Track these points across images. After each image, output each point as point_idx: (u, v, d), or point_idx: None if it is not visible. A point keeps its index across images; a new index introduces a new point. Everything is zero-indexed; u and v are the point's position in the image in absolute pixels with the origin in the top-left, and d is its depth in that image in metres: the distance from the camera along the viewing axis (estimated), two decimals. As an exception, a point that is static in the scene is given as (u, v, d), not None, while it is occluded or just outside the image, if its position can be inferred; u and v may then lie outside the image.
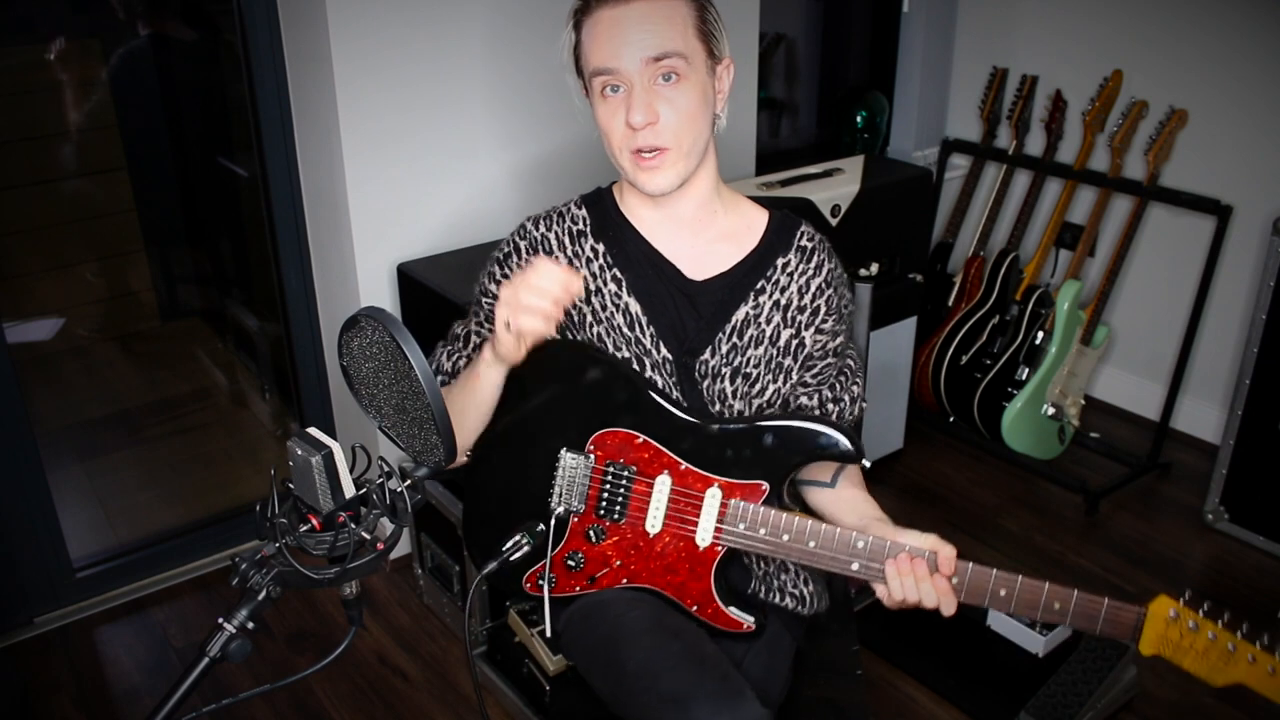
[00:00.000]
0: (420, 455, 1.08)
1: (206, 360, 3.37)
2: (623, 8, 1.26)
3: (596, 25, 1.28)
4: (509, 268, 1.43)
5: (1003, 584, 1.25)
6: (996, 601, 1.25)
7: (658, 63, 1.26)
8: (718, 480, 1.31)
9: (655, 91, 1.27)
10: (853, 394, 1.47)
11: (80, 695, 2.23)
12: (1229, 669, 1.21)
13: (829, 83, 3.60)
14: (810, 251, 1.44)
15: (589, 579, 1.39)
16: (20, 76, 2.92)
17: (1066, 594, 1.23)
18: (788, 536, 1.29)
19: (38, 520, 2.38)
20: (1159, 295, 3.17)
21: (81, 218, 3.18)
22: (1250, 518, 2.71)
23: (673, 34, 1.26)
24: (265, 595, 1.00)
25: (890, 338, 2.82)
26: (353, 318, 1.06)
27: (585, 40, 1.30)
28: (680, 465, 1.32)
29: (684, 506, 1.33)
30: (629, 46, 1.25)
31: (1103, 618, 1.23)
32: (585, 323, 1.40)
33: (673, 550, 1.34)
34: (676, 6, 1.28)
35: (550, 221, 1.44)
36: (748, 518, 1.30)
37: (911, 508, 2.88)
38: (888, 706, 2.21)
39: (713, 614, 1.35)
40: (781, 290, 1.41)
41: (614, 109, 1.29)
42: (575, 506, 1.36)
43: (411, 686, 2.26)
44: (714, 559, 1.33)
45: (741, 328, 1.39)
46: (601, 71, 1.28)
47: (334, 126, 2.22)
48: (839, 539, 1.27)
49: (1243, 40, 2.83)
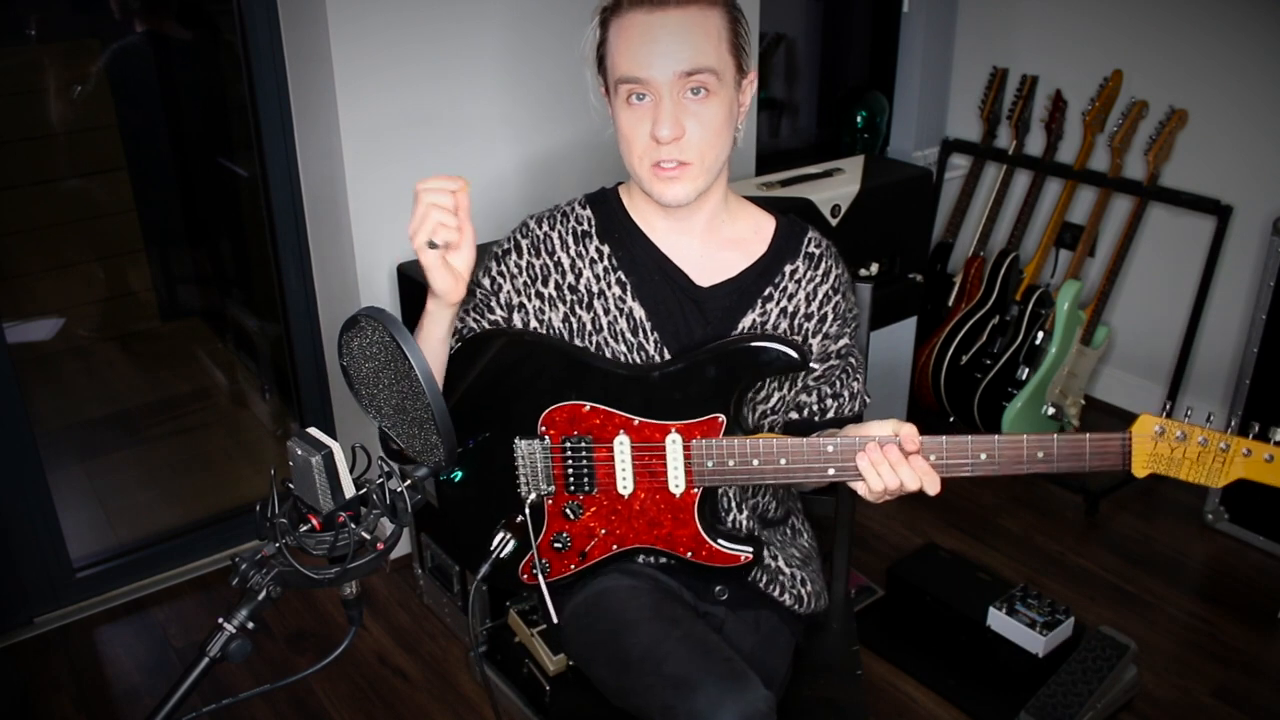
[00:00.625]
0: (420, 455, 1.08)
1: (206, 360, 3.37)
2: (659, 14, 1.22)
3: (628, 29, 1.24)
4: (506, 264, 1.41)
5: (982, 447, 1.23)
6: (980, 466, 1.24)
7: (690, 77, 1.22)
8: (674, 425, 1.31)
9: (684, 105, 1.24)
10: (853, 390, 1.46)
11: (80, 695, 2.23)
12: (1227, 468, 1.22)
13: (829, 83, 3.60)
14: (818, 258, 1.42)
15: (580, 555, 1.40)
16: (20, 76, 2.92)
17: (1048, 440, 1.22)
18: (757, 461, 1.28)
19: (38, 520, 2.38)
20: (1159, 295, 3.17)
21: (81, 218, 3.18)
22: (1250, 518, 2.71)
23: (707, 48, 1.23)
24: (265, 595, 1.00)
25: (890, 338, 2.82)
26: (353, 318, 1.06)
27: (613, 40, 1.26)
28: (634, 421, 1.32)
29: (649, 460, 1.33)
30: (662, 57, 1.22)
31: (1089, 452, 1.22)
32: (585, 331, 1.38)
33: (651, 505, 1.35)
34: (711, 17, 1.24)
35: (554, 220, 1.41)
36: (713, 454, 1.30)
37: (911, 508, 2.88)
38: (888, 706, 2.21)
39: (708, 554, 1.37)
40: (789, 297, 1.40)
41: (639, 117, 1.26)
42: (545, 489, 1.36)
43: (411, 686, 2.26)
44: (693, 502, 1.34)
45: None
46: (630, 79, 1.24)
47: (334, 126, 2.22)
48: (808, 448, 1.26)
49: (1243, 40, 2.83)
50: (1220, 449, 1.21)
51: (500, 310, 1.41)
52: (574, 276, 1.39)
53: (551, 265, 1.39)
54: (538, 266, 1.39)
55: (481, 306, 1.42)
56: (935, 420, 3.19)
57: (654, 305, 1.37)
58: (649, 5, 1.22)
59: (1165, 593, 2.54)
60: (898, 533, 2.77)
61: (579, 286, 1.38)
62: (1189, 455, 1.21)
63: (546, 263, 1.39)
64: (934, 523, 2.81)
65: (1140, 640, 2.27)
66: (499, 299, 1.41)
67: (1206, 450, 1.21)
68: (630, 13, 1.23)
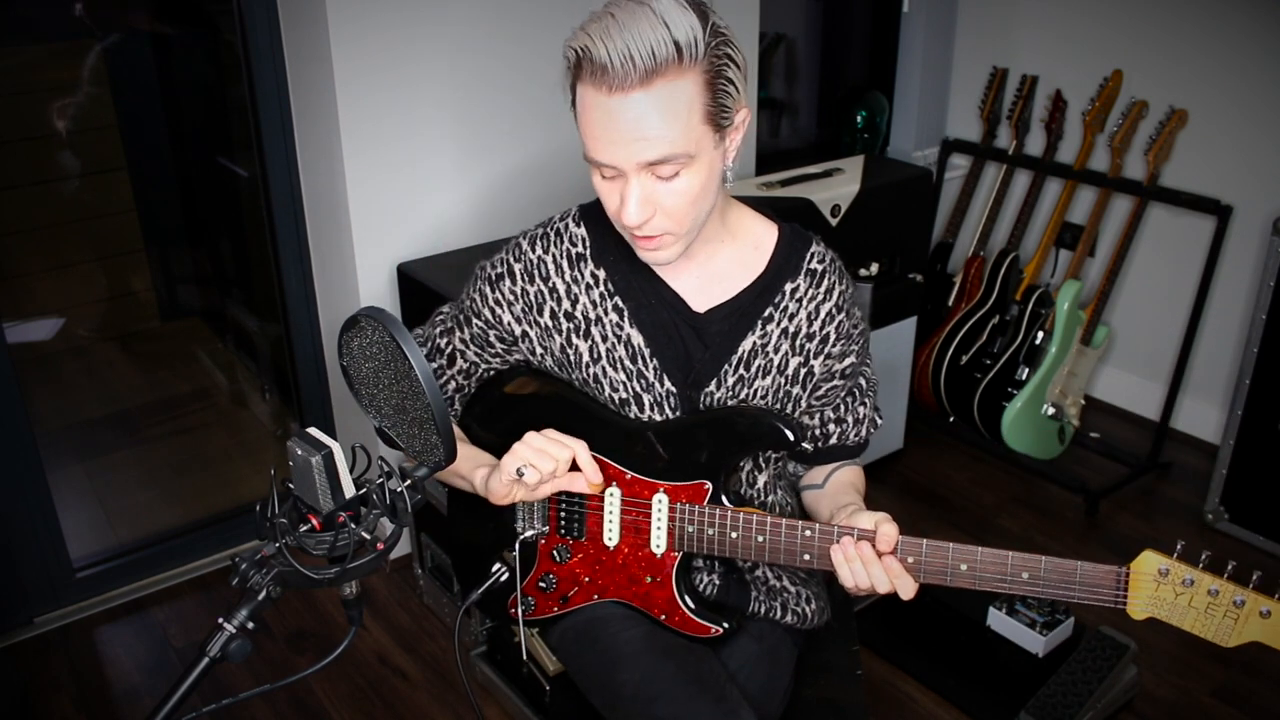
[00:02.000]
0: (420, 455, 1.08)
1: (206, 360, 3.37)
2: (618, 98, 1.08)
3: (589, 107, 1.11)
4: (500, 290, 1.34)
5: (963, 558, 1.16)
6: (959, 578, 1.17)
7: (654, 166, 1.13)
8: (662, 485, 1.30)
9: (653, 187, 1.15)
10: (858, 415, 1.42)
11: (80, 695, 2.23)
12: (1240, 627, 1.06)
13: (829, 83, 3.60)
14: (820, 275, 1.34)
15: (562, 599, 1.40)
16: (20, 76, 2.92)
17: (1034, 560, 1.13)
18: (735, 534, 1.27)
19: (38, 520, 2.38)
20: (1159, 295, 3.17)
21: (81, 218, 3.19)
22: (1250, 518, 2.71)
23: (673, 132, 1.10)
24: (265, 595, 1.00)
25: (890, 338, 2.83)
26: (353, 318, 1.05)
27: (579, 107, 1.14)
28: (626, 475, 1.31)
29: (636, 516, 1.32)
30: (623, 147, 1.11)
31: (1079, 581, 1.12)
32: (581, 362, 1.33)
33: (633, 560, 1.34)
34: (681, 89, 1.09)
35: (547, 242, 1.33)
36: (695, 520, 1.29)
37: (911, 508, 2.88)
38: (888, 706, 2.21)
39: (680, 621, 1.35)
40: (790, 317, 1.33)
41: (609, 190, 1.18)
42: (539, 528, 1.37)
43: (411, 686, 2.26)
44: (672, 565, 1.33)
45: (749, 359, 1.32)
46: (593, 162, 1.16)
47: (334, 126, 2.22)
48: (786, 531, 1.24)
49: (1243, 40, 2.83)
50: (1234, 603, 1.05)
51: (499, 344, 1.37)
52: (570, 303, 1.33)
53: (546, 292, 1.33)
54: (532, 294, 1.33)
55: (480, 339, 1.38)
56: (935, 420, 3.19)
57: (652, 331, 1.32)
58: (610, 84, 1.08)
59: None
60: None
61: (575, 313, 1.33)
62: (1195, 605, 1.07)
63: (541, 289, 1.33)
64: (934, 523, 2.81)
65: (1140, 640, 2.27)
66: (500, 330, 1.36)
67: (1217, 602, 1.06)
68: (589, 87, 1.10)
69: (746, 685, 1.37)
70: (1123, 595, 1.10)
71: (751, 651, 1.41)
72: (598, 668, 1.36)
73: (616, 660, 1.33)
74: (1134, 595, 1.10)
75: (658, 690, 1.27)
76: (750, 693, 1.36)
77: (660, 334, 1.32)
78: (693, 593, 1.35)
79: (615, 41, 1.07)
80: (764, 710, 1.36)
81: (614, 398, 1.33)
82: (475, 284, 1.37)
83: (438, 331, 1.42)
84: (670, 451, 1.30)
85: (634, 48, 1.06)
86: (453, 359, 1.41)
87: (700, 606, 1.35)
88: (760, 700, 1.36)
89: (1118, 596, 1.11)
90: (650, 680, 1.28)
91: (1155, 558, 1.08)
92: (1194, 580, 1.06)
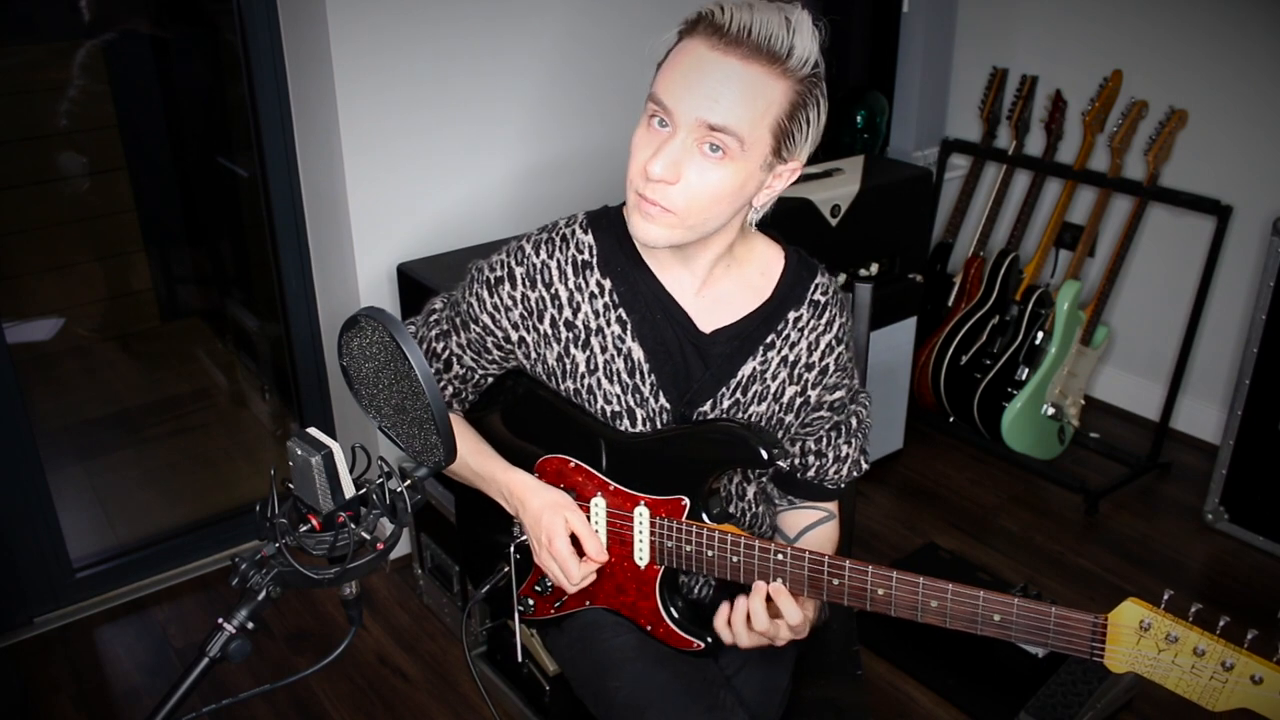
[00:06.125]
0: (420, 455, 1.08)
1: (206, 360, 3.37)
2: (719, 54, 1.12)
3: (687, 53, 1.14)
4: (499, 294, 1.31)
5: (933, 594, 1.15)
6: (929, 614, 1.16)
7: (710, 131, 1.13)
8: (643, 498, 1.30)
9: (693, 153, 1.15)
10: (840, 452, 1.41)
11: (80, 695, 2.23)
12: (1227, 691, 0.97)
13: (829, 83, 3.59)
14: (823, 307, 1.35)
15: (555, 603, 1.42)
16: (20, 76, 2.92)
17: (1007, 603, 1.08)
18: (711, 553, 1.26)
19: (38, 520, 2.38)
20: (1159, 295, 3.17)
21: (81, 218, 3.19)
22: (1250, 518, 2.71)
23: (744, 110, 1.12)
24: (265, 595, 1.00)
25: (890, 338, 2.82)
26: (353, 318, 1.05)
27: (672, 55, 1.17)
28: (610, 486, 1.32)
29: (620, 527, 1.32)
30: (695, 97, 1.12)
31: (1052, 629, 1.06)
32: (576, 372, 1.32)
33: (620, 571, 1.35)
34: (772, 86, 1.13)
35: (551, 247, 1.31)
36: (674, 535, 1.29)
37: (911, 508, 2.88)
38: (888, 706, 2.21)
39: (664, 633, 1.35)
40: (791, 346, 1.33)
41: (648, 140, 1.17)
42: None
43: (411, 686, 2.26)
44: (655, 577, 1.33)
45: (747, 383, 1.32)
46: (657, 100, 1.16)
47: (334, 126, 2.22)
48: (759, 551, 1.23)
49: (1243, 40, 2.83)
50: (1222, 666, 0.97)
51: (496, 351, 1.36)
52: (571, 311, 1.30)
53: (548, 298, 1.30)
54: (533, 300, 1.30)
55: (478, 345, 1.35)
56: (935, 420, 3.19)
57: (653, 346, 1.30)
58: (719, 40, 1.12)
59: (1165, 593, 2.54)
60: (898, 533, 2.77)
61: (576, 322, 1.30)
62: (1180, 662, 0.98)
63: (543, 295, 1.30)
64: (934, 523, 2.81)
65: (1140, 640, 2.27)
66: (497, 337, 1.34)
67: (1204, 662, 0.97)
68: (697, 38, 1.14)
69: (745, 686, 1.37)
70: (1099, 647, 1.03)
71: (750, 652, 1.41)
72: (591, 673, 1.37)
73: (608, 667, 1.34)
74: (1112, 648, 1.02)
75: (648, 698, 1.27)
76: (749, 694, 1.36)
77: (661, 350, 1.31)
78: (679, 606, 1.35)
79: (743, 15, 1.13)
80: (763, 712, 1.36)
81: (605, 410, 1.32)
82: (472, 286, 1.35)
83: (434, 334, 1.40)
84: (648, 464, 1.30)
85: (756, 26, 1.12)
86: (449, 364, 1.39)
87: (685, 620, 1.34)
88: (759, 701, 1.36)
89: (1093, 648, 1.04)
90: (641, 688, 1.29)
91: (1137, 609, 0.99)
92: (1179, 636, 0.97)
